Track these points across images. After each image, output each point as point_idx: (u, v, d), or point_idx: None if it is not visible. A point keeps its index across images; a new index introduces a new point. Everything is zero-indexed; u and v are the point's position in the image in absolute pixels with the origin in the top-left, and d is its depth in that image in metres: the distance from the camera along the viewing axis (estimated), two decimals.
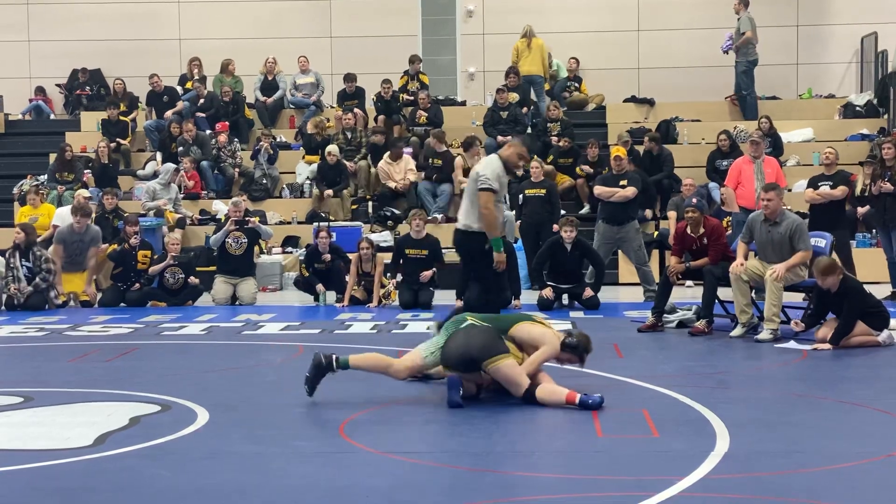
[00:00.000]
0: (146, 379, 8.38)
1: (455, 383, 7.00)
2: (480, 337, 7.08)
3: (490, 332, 7.15)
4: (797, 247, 10.18)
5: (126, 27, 21.78)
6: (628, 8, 21.35)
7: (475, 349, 7.02)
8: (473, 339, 7.06)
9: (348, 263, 13.96)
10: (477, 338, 7.07)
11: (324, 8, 21.95)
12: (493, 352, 7.01)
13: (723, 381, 8.25)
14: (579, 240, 13.09)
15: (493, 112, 18.91)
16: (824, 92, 20.84)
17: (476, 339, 7.06)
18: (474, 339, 7.06)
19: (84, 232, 14.42)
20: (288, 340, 10.66)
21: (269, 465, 5.69)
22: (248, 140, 19.51)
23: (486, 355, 7.00)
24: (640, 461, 5.73)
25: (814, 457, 5.78)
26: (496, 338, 7.12)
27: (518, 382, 7.02)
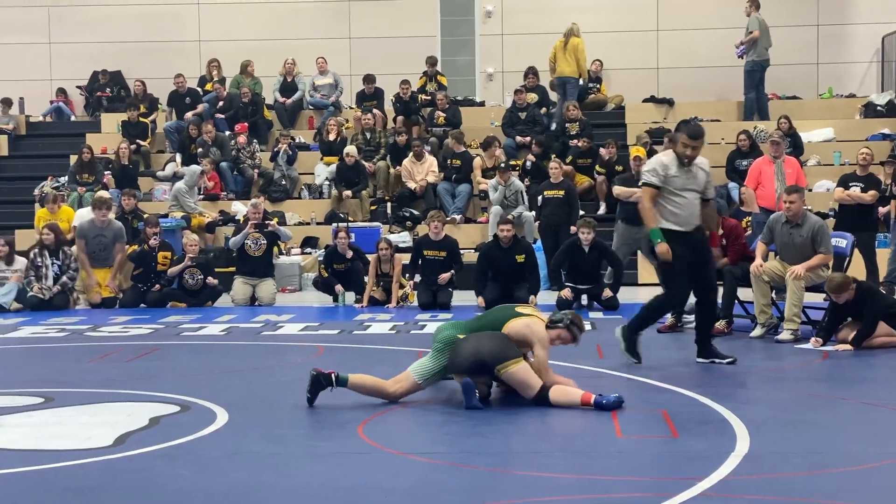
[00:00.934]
0: (166, 379, 8.41)
1: (470, 387, 6.98)
2: (490, 342, 7.06)
3: (499, 337, 7.12)
4: (818, 249, 10.13)
5: (146, 29, 21.87)
6: (647, 8, 21.30)
7: (487, 355, 7.00)
8: (484, 345, 7.04)
9: (367, 264, 13.97)
10: (487, 343, 7.05)
11: (342, 9, 21.97)
12: (504, 357, 6.99)
13: (743, 382, 8.21)
14: (597, 241, 13.06)
15: (512, 113, 18.91)
16: (845, 91, 20.73)
17: (486, 344, 7.04)
18: (485, 345, 7.04)
19: (106, 227, 14.49)
20: (307, 341, 10.68)
21: (287, 465, 5.70)
22: (268, 141, 19.56)
23: (497, 360, 6.98)
24: (660, 462, 5.71)
25: (835, 458, 5.74)
26: (506, 343, 7.10)
27: (530, 385, 7.00)
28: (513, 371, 6.98)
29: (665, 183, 8.60)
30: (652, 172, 8.67)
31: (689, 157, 8.64)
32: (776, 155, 13.66)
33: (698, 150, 8.68)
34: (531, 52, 20.52)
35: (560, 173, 15.55)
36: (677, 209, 8.59)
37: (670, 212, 8.59)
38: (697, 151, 8.68)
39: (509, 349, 7.05)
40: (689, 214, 8.64)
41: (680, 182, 8.62)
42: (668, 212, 8.59)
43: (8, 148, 20.56)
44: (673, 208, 8.59)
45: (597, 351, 9.49)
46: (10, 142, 20.65)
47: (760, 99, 19.22)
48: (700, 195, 8.73)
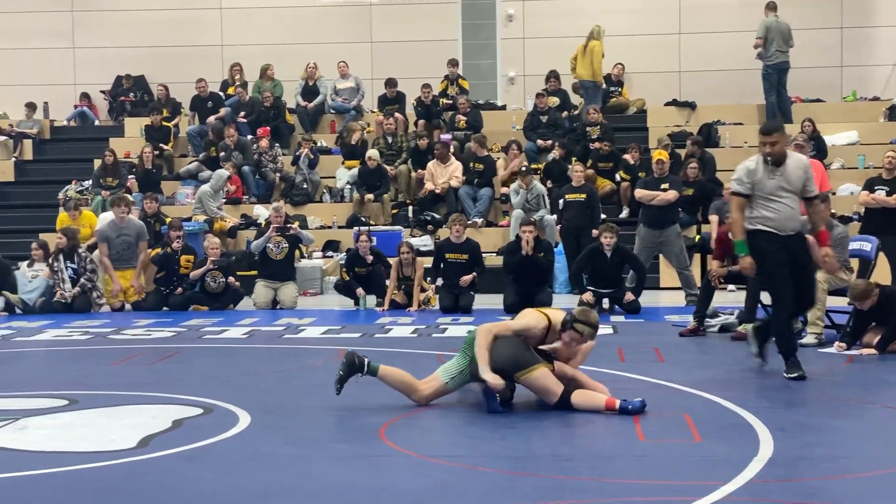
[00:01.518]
0: (188, 382, 8.44)
1: (490, 391, 6.97)
2: (509, 349, 7.04)
3: (518, 343, 7.10)
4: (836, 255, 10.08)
5: (169, 33, 21.98)
6: (669, 11, 21.26)
7: (506, 362, 6.98)
8: (503, 352, 7.02)
9: (389, 268, 13.98)
10: (506, 350, 7.03)
11: (364, 13, 22.02)
12: (524, 363, 6.98)
13: (766, 386, 8.17)
14: (619, 246, 13.02)
15: (533, 116, 18.90)
16: (869, 94, 20.62)
17: (505, 351, 7.02)
18: (504, 352, 7.02)
19: (127, 226, 14.55)
20: (328, 344, 10.69)
21: (309, 468, 5.71)
22: (289, 145, 19.61)
23: (516, 367, 6.98)
24: (683, 466, 5.69)
25: (859, 462, 5.71)
26: (525, 349, 7.07)
27: (552, 391, 6.97)
28: (533, 377, 6.97)
29: (753, 189, 8.06)
30: (738, 180, 8.18)
31: (770, 155, 8.01)
32: None
33: (777, 145, 7.98)
34: (553, 56, 20.52)
35: (582, 177, 15.53)
36: (772, 213, 8.03)
37: (765, 217, 8.05)
38: (777, 148, 7.98)
39: (528, 355, 7.03)
40: (786, 218, 8.05)
41: (770, 185, 8.03)
42: (763, 217, 8.06)
43: (32, 152, 20.72)
44: (767, 213, 8.05)
45: (618, 354, 9.46)
46: (35, 146, 20.81)
47: (783, 102, 19.13)
48: (798, 196, 8.11)
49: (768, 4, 18.93)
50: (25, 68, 22.22)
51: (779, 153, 8.00)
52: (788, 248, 8.05)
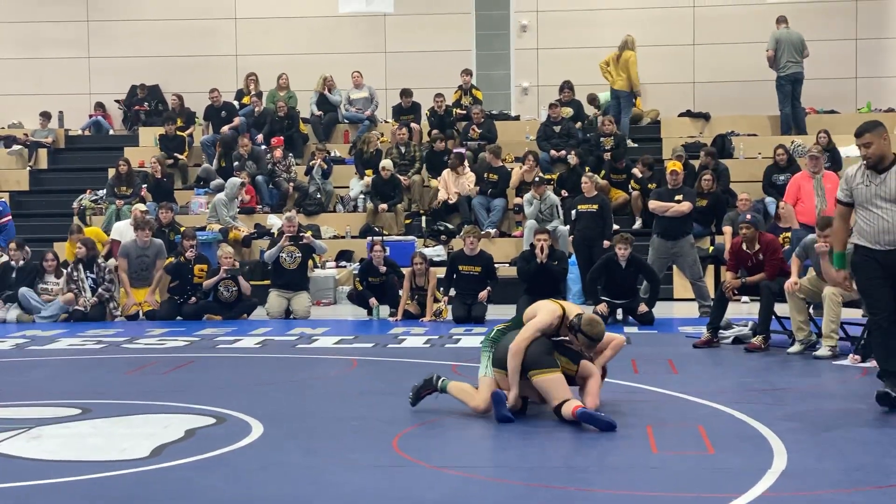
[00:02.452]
0: (202, 391, 8.45)
1: (500, 398, 6.97)
2: (534, 348, 7.05)
3: (544, 343, 7.11)
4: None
5: (183, 43, 22.06)
6: (684, 21, 21.25)
7: (525, 360, 7.00)
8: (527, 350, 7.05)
9: (402, 278, 13.99)
10: (531, 349, 7.04)
11: (378, 23, 22.06)
12: (541, 364, 6.98)
13: (780, 398, 8.14)
14: (634, 256, 13.00)
15: (547, 127, 18.91)
16: (884, 106, 20.56)
17: (530, 349, 7.04)
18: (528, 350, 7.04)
19: (148, 246, 14.64)
20: (342, 354, 10.70)
21: (322, 477, 5.71)
22: (303, 155, 19.65)
23: (533, 365, 6.98)
24: (696, 478, 5.67)
25: (873, 475, 5.68)
26: (547, 352, 7.07)
27: (552, 397, 6.95)
28: (542, 379, 6.96)
29: (851, 196, 7.46)
30: (840, 188, 7.61)
31: (866, 158, 7.31)
32: (815, 170, 13.56)
33: (872, 147, 7.24)
34: (566, 67, 20.54)
35: (592, 187, 15.49)
36: (866, 224, 7.34)
37: (861, 228, 7.40)
38: (871, 150, 7.24)
39: (548, 359, 7.02)
40: (879, 231, 7.28)
41: (864, 193, 7.35)
42: (859, 228, 7.42)
43: (47, 161, 20.81)
44: (862, 223, 7.38)
45: (632, 366, 9.44)
46: (50, 155, 20.89)
47: (797, 113, 19.11)
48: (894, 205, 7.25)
49: (779, 18, 18.95)
50: (40, 77, 22.34)
51: (874, 156, 7.25)
52: (884, 264, 7.29)
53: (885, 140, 7.26)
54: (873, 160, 7.27)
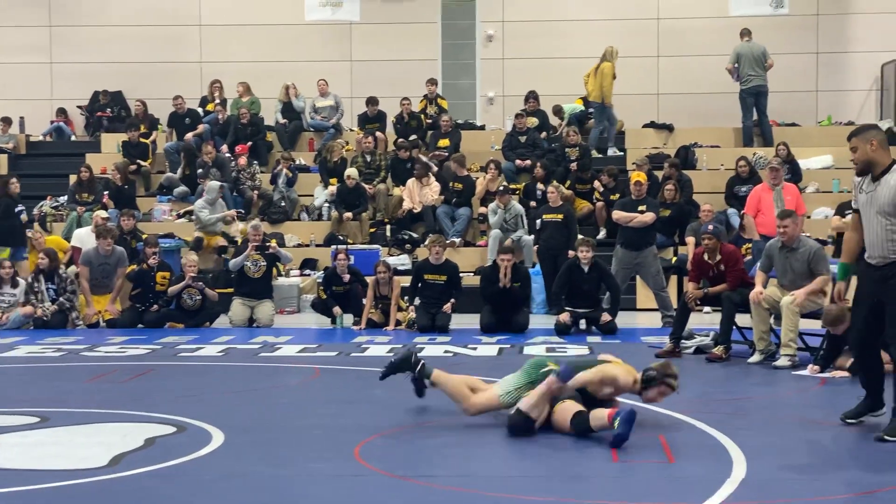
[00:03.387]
0: (162, 400, 8.39)
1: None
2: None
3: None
4: (816, 271, 10.16)
5: (147, 49, 21.93)
6: (648, 33, 21.38)
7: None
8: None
9: (366, 286, 13.97)
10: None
11: (344, 31, 22.04)
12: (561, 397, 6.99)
13: (740, 408, 8.20)
14: (596, 262, 13.06)
15: (512, 137, 18.97)
16: (844, 119, 20.78)
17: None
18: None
19: (110, 254, 14.53)
20: (305, 363, 10.66)
21: (283, 487, 5.69)
22: (268, 163, 19.58)
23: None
24: (656, 487, 5.70)
25: (831, 484, 5.73)
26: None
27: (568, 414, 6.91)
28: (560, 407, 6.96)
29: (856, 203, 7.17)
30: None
31: (853, 163, 7.17)
32: (775, 182, 13.69)
33: (856, 151, 7.04)
34: (532, 77, 20.62)
35: (558, 198, 15.57)
36: (865, 235, 7.01)
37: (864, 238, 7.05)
38: (856, 155, 7.04)
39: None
40: (870, 244, 6.92)
41: (861, 200, 7.05)
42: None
43: (8, 167, 20.56)
44: (865, 234, 7.03)
45: None
46: (10, 161, 20.69)
47: (763, 125, 19.27)
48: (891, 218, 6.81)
49: (742, 31, 19.13)
50: (2, 82, 22.13)
51: (859, 161, 7.00)
52: (871, 275, 6.92)
53: (874, 146, 6.99)
54: (859, 166, 7.05)
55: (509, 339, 12.36)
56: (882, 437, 6.73)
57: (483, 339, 12.40)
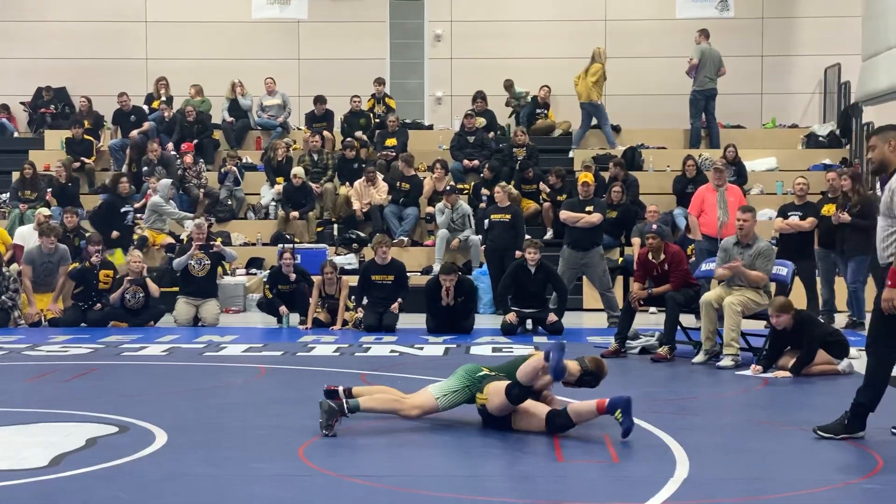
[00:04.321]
0: (104, 400, 8.29)
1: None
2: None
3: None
4: (758, 267, 10.29)
5: (93, 46, 21.66)
6: (595, 35, 21.46)
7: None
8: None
9: (312, 286, 13.91)
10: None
11: (292, 30, 21.94)
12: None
13: (684, 408, 8.26)
14: (543, 262, 13.11)
15: (460, 136, 18.98)
16: (788, 122, 21.03)
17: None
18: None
19: (53, 253, 14.34)
20: (250, 362, 10.59)
21: (226, 488, 5.64)
22: (214, 161, 19.44)
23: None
24: (601, 487, 5.73)
25: (773, 484, 5.79)
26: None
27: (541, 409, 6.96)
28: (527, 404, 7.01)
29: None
30: None
31: (869, 161, 7.02)
32: (718, 183, 13.82)
33: (874, 150, 6.81)
34: (480, 77, 20.65)
35: (505, 198, 15.60)
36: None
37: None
38: (874, 154, 6.82)
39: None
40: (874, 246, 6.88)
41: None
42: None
43: None
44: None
45: None
46: None
47: (711, 127, 19.46)
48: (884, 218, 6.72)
49: (702, 31, 19.27)
50: None
51: (876, 161, 6.82)
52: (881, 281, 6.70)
53: (892, 146, 6.76)
54: (875, 165, 6.92)
55: (455, 339, 12.37)
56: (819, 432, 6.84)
57: (429, 339, 12.41)
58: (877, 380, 6.73)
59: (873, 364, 6.74)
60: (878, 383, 6.74)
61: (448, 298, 12.96)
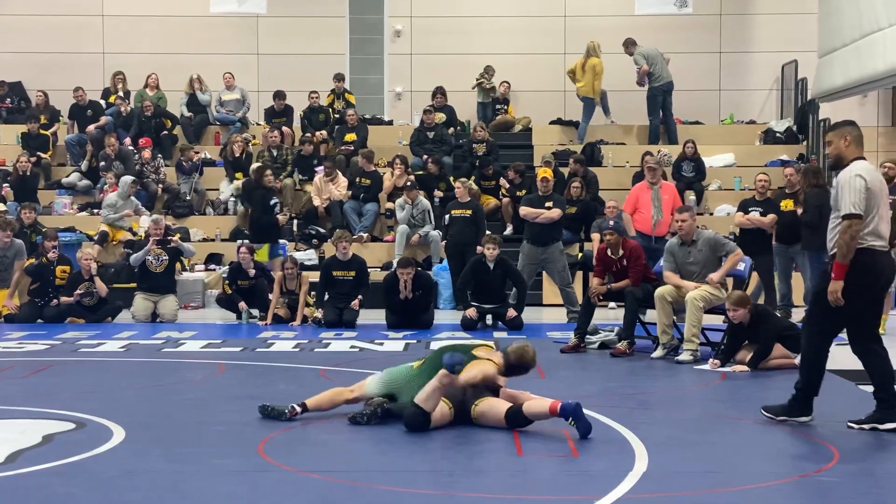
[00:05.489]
0: (61, 396, 8.21)
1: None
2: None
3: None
4: (723, 252, 10.41)
5: (49, 40, 21.41)
6: (555, 31, 21.53)
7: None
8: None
9: (272, 281, 13.86)
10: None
11: (251, 24, 21.82)
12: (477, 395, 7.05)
13: (643, 402, 8.31)
14: (502, 258, 13.14)
15: (420, 132, 18.97)
16: (746, 118, 21.18)
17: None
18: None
19: (8, 247, 14.19)
20: (209, 358, 10.54)
21: (185, 484, 5.61)
22: (172, 156, 19.30)
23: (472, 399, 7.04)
24: (560, 481, 5.75)
25: (731, 477, 5.83)
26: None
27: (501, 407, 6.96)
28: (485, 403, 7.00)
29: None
30: None
31: (828, 156, 7.35)
32: (653, 181, 13.88)
33: (830, 146, 7.08)
34: (440, 72, 20.65)
35: (465, 193, 15.61)
36: None
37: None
38: (830, 149, 7.11)
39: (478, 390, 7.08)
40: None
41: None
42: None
43: None
44: None
45: None
46: None
47: (669, 122, 19.58)
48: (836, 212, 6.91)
49: (630, 41, 19.40)
50: None
51: (832, 156, 7.10)
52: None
53: (847, 142, 6.98)
54: (832, 160, 7.15)
55: (415, 335, 12.37)
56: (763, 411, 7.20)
57: (389, 335, 12.40)
58: (810, 364, 7.07)
59: (805, 348, 7.15)
60: (812, 368, 7.06)
61: (406, 291, 12.95)
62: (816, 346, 7.06)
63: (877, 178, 6.98)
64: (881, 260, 6.91)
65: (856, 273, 6.77)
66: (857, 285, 6.79)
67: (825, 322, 6.98)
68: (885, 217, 6.92)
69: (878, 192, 6.89)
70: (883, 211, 6.90)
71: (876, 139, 20.51)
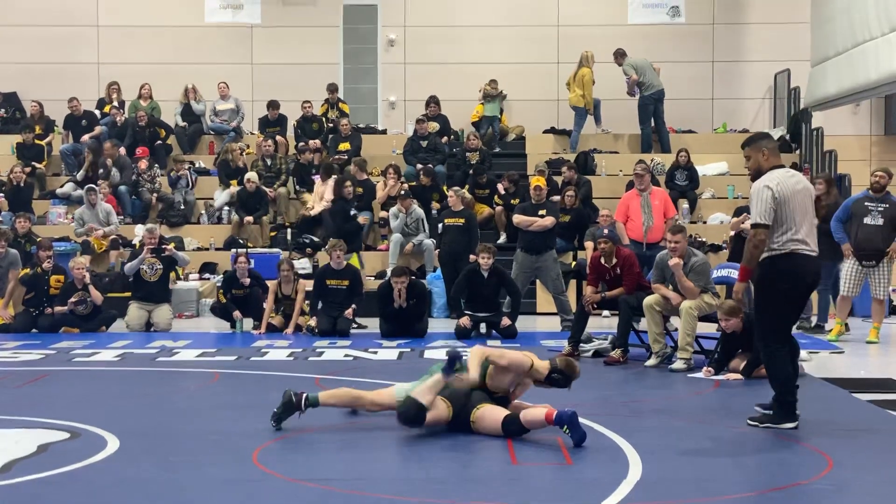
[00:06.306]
0: (56, 406, 8.21)
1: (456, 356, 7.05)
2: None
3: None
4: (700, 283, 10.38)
5: (44, 50, 21.44)
6: (548, 39, 21.59)
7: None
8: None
9: (266, 290, 13.87)
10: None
11: (245, 34, 21.86)
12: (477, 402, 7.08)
13: (637, 410, 8.32)
14: (496, 267, 13.16)
15: (413, 141, 19.00)
16: (739, 126, 21.24)
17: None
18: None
19: (3, 257, 14.20)
20: (203, 367, 10.54)
21: (179, 493, 5.62)
22: (167, 165, 19.31)
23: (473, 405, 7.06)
24: (554, 489, 5.76)
25: (724, 485, 5.85)
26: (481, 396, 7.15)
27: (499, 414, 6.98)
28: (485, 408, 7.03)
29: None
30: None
31: (747, 169, 7.65)
32: (642, 188, 13.88)
33: (749, 160, 7.51)
34: (433, 81, 20.71)
35: (458, 202, 15.61)
36: None
37: None
38: (749, 163, 7.52)
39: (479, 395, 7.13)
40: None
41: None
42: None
43: None
44: None
45: None
46: None
47: (661, 131, 19.63)
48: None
49: (620, 52, 19.48)
50: None
51: (751, 169, 7.44)
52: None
53: (765, 155, 7.30)
54: (752, 173, 7.39)
55: (409, 343, 12.38)
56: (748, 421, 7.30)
57: (383, 344, 12.41)
58: (776, 374, 7.23)
59: (766, 361, 7.32)
60: (779, 378, 7.21)
61: (400, 300, 12.97)
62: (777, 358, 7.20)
63: (790, 186, 7.13)
64: (803, 264, 7.12)
65: (777, 277, 7.05)
66: (777, 289, 7.07)
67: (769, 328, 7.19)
68: (808, 221, 7.14)
69: (791, 198, 7.07)
70: (805, 218, 7.12)
71: (869, 148, 20.62)
